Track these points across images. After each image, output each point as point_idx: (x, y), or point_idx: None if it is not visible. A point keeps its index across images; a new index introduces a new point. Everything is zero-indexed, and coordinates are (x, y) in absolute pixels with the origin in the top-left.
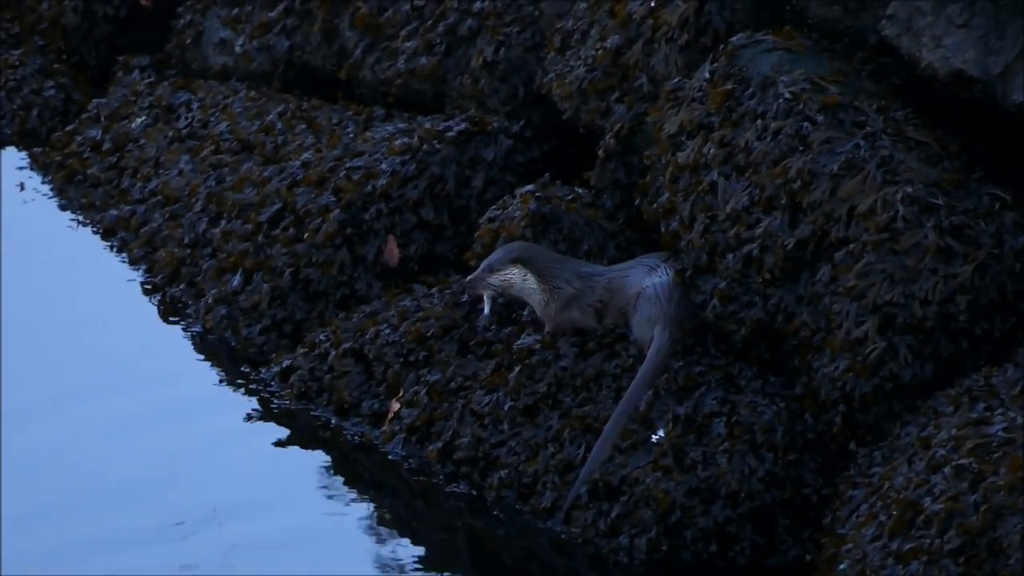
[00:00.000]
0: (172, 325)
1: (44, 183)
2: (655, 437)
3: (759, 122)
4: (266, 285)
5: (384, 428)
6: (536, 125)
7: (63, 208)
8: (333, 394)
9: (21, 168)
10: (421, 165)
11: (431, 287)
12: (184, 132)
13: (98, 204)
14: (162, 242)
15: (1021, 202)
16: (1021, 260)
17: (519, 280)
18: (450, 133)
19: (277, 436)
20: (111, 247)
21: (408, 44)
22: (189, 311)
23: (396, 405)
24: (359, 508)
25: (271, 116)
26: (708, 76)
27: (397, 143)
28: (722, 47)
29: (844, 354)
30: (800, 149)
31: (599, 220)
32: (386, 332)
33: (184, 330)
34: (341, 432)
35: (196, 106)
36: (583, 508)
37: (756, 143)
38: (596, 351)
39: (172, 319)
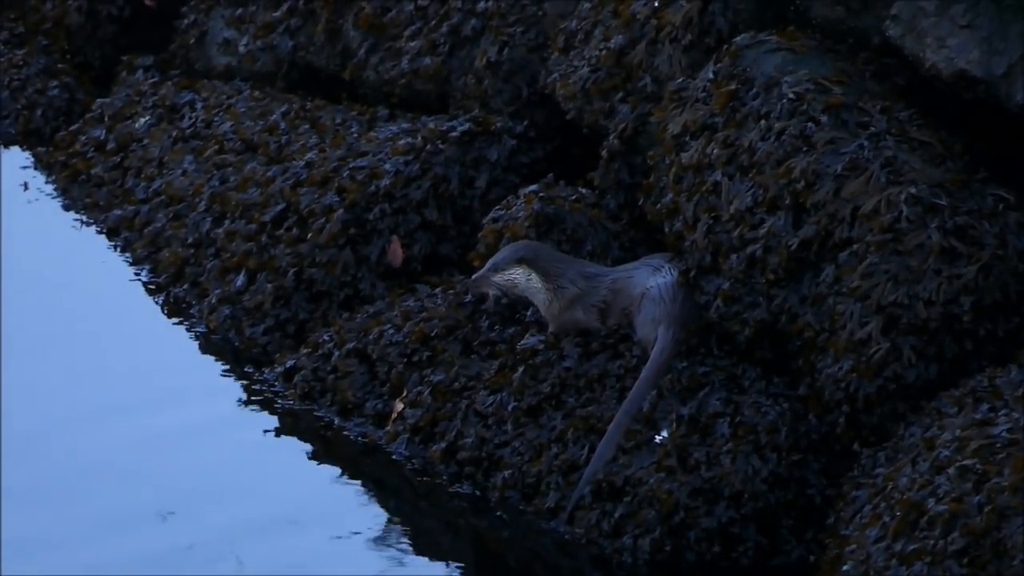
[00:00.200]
0: (176, 325)
1: (48, 183)
2: (659, 437)
3: (763, 122)
4: (270, 285)
5: (388, 428)
6: (540, 125)
7: (67, 208)
8: (336, 394)
9: (25, 168)
10: (425, 165)
11: (435, 287)
12: (188, 132)
13: (102, 204)
14: (166, 242)
15: None
16: None
17: (523, 280)
18: (454, 133)
19: (280, 436)
20: (115, 247)
21: (412, 44)
22: (193, 311)
23: (400, 405)
24: (362, 508)
25: (275, 116)
26: (712, 76)
27: (401, 143)
28: (726, 47)
29: (848, 355)
30: (804, 149)
31: (603, 220)
32: (390, 332)
33: (188, 330)
34: (344, 432)
35: (200, 106)
36: (587, 508)
37: (760, 143)
38: (600, 351)
39: (176, 319)
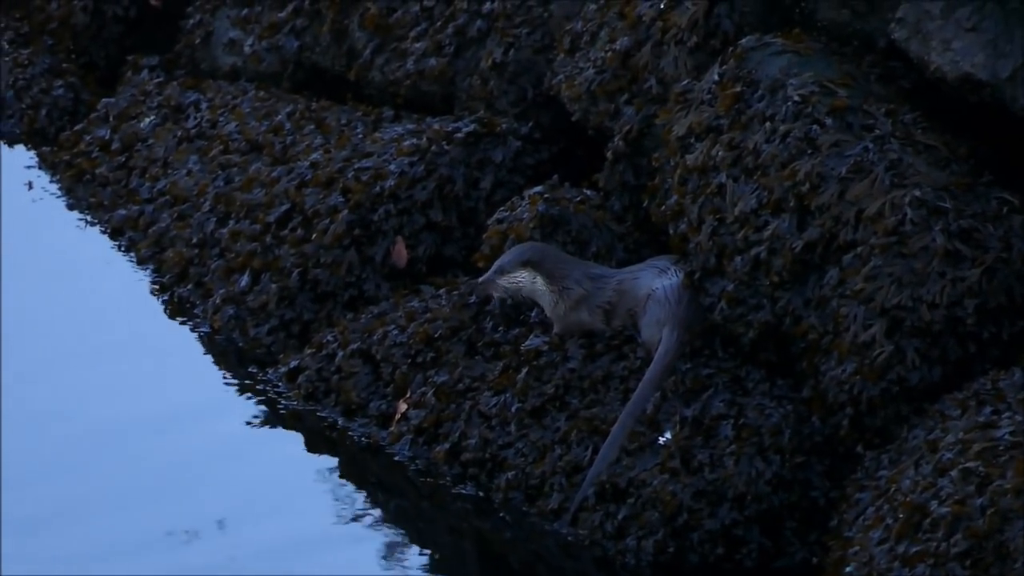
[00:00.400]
0: (180, 325)
1: (52, 182)
2: (662, 439)
3: (768, 125)
4: (274, 285)
5: (391, 429)
6: (545, 127)
7: (71, 207)
8: (340, 395)
9: (29, 167)
10: (430, 166)
11: (439, 288)
12: (193, 132)
13: (106, 204)
14: (170, 242)
15: None
16: None
17: (528, 283)
18: (459, 134)
19: (284, 437)
20: (119, 247)
21: (417, 45)
22: (197, 311)
23: (403, 406)
24: (365, 509)
25: (280, 116)
26: (717, 78)
27: (406, 144)
28: (731, 49)
29: (852, 357)
30: (809, 152)
31: (607, 222)
32: (394, 333)
33: (192, 330)
34: (348, 433)
35: (205, 106)
36: (590, 510)
37: (765, 146)
38: (604, 353)
39: (180, 319)
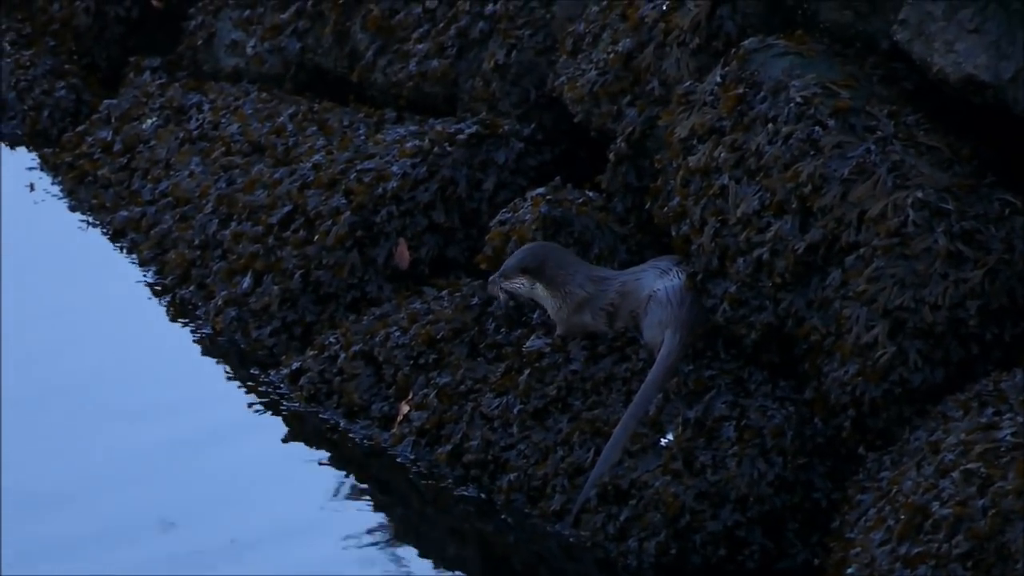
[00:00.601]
0: (182, 327)
1: (54, 184)
2: (664, 440)
3: (770, 126)
4: (276, 287)
5: (393, 431)
6: (547, 128)
7: (73, 209)
8: (342, 396)
9: (31, 169)
10: (432, 168)
11: (441, 290)
12: (195, 133)
13: (108, 205)
14: (172, 243)
15: None
16: None
17: (527, 289)
18: (461, 136)
19: (286, 438)
20: (121, 248)
21: (420, 47)
22: (199, 313)
23: (405, 408)
24: (367, 511)
25: (282, 118)
26: (720, 80)
27: (408, 146)
28: (734, 51)
29: (854, 358)
30: (811, 153)
31: (610, 223)
32: (396, 335)
33: (194, 332)
34: (350, 435)
35: (207, 108)
36: (592, 511)
37: (767, 147)
38: (606, 354)
39: (182, 321)
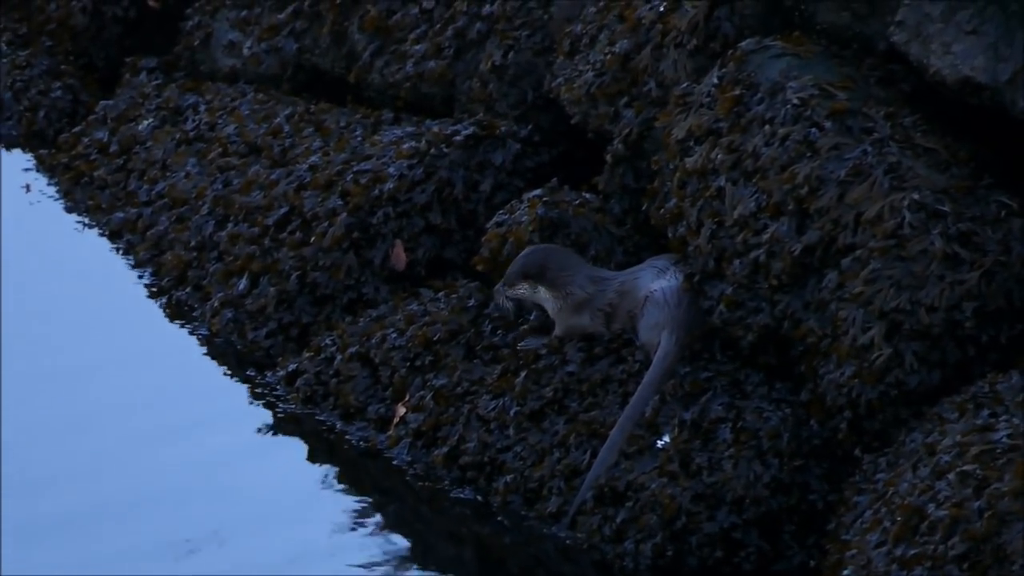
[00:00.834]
0: (178, 328)
1: (50, 185)
2: (661, 442)
3: (767, 128)
4: (273, 288)
5: (390, 433)
6: (545, 129)
7: (69, 210)
8: (339, 398)
9: (27, 170)
10: (429, 169)
11: (438, 291)
12: (191, 134)
13: (104, 206)
14: (169, 245)
15: None
16: None
17: (530, 294)
18: (458, 137)
19: (282, 440)
20: (117, 249)
21: (417, 47)
22: (195, 314)
23: (402, 409)
24: (364, 513)
25: (279, 119)
26: (717, 81)
27: (405, 147)
28: (731, 52)
29: (850, 360)
30: (808, 155)
31: (607, 225)
32: (393, 336)
33: (190, 333)
34: (346, 437)
35: (204, 108)
36: (589, 513)
37: (764, 149)
38: (603, 356)
39: (178, 322)
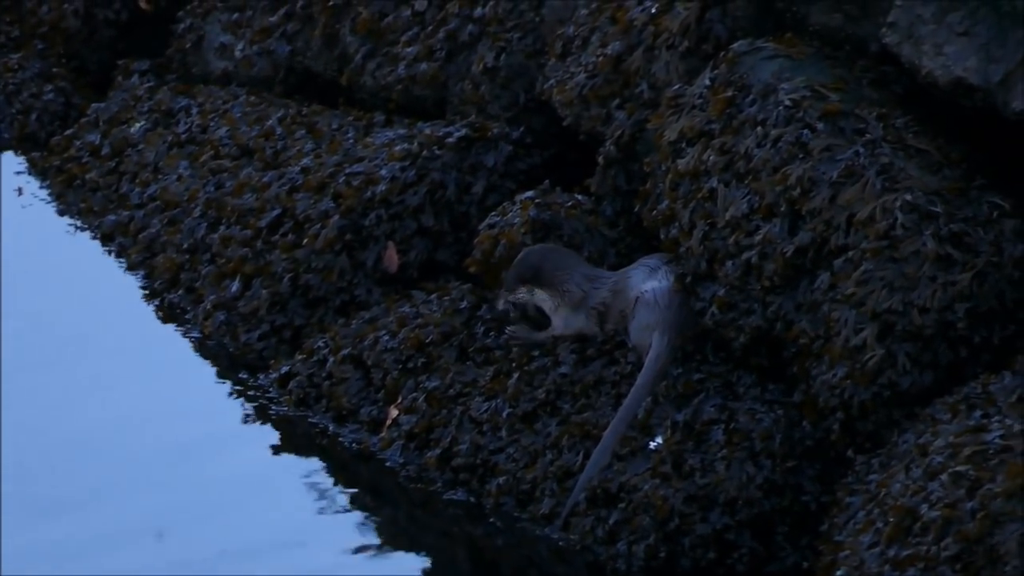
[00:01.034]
0: (171, 331)
1: (42, 188)
2: (653, 444)
3: (759, 129)
4: (265, 291)
5: (382, 435)
6: (537, 131)
7: (61, 213)
8: (331, 400)
9: (19, 173)
10: (421, 171)
11: (431, 294)
12: (184, 137)
13: (97, 209)
14: (161, 247)
15: (1020, 210)
16: (1020, 268)
17: (529, 297)
18: (450, 139)
19: (274, 442)
20: (109, 252)
21: (409, 50)
22: (188, 317)
23: (394, 412)
24: (356, 515)
25: (271, 121)
26: (709, 83)
27: (397, 149)
28: (723, 54)
29: (843, 361)
30: (800, 156)
31: (599, 227)
32: (385, 338)
33: (183, 336)
34: (339, 439)
35: (196, 111)
36: (581, 515)
37: (756, 150)
38: (595, 358)
39: (170, 325)
